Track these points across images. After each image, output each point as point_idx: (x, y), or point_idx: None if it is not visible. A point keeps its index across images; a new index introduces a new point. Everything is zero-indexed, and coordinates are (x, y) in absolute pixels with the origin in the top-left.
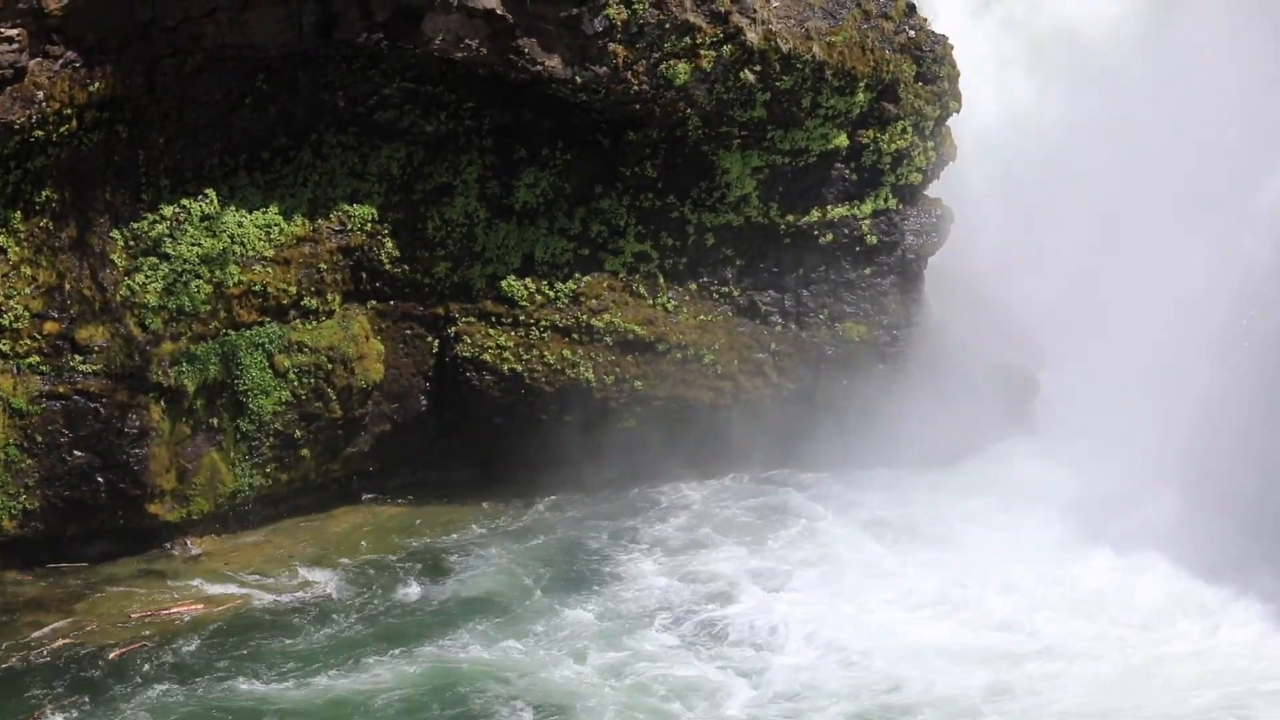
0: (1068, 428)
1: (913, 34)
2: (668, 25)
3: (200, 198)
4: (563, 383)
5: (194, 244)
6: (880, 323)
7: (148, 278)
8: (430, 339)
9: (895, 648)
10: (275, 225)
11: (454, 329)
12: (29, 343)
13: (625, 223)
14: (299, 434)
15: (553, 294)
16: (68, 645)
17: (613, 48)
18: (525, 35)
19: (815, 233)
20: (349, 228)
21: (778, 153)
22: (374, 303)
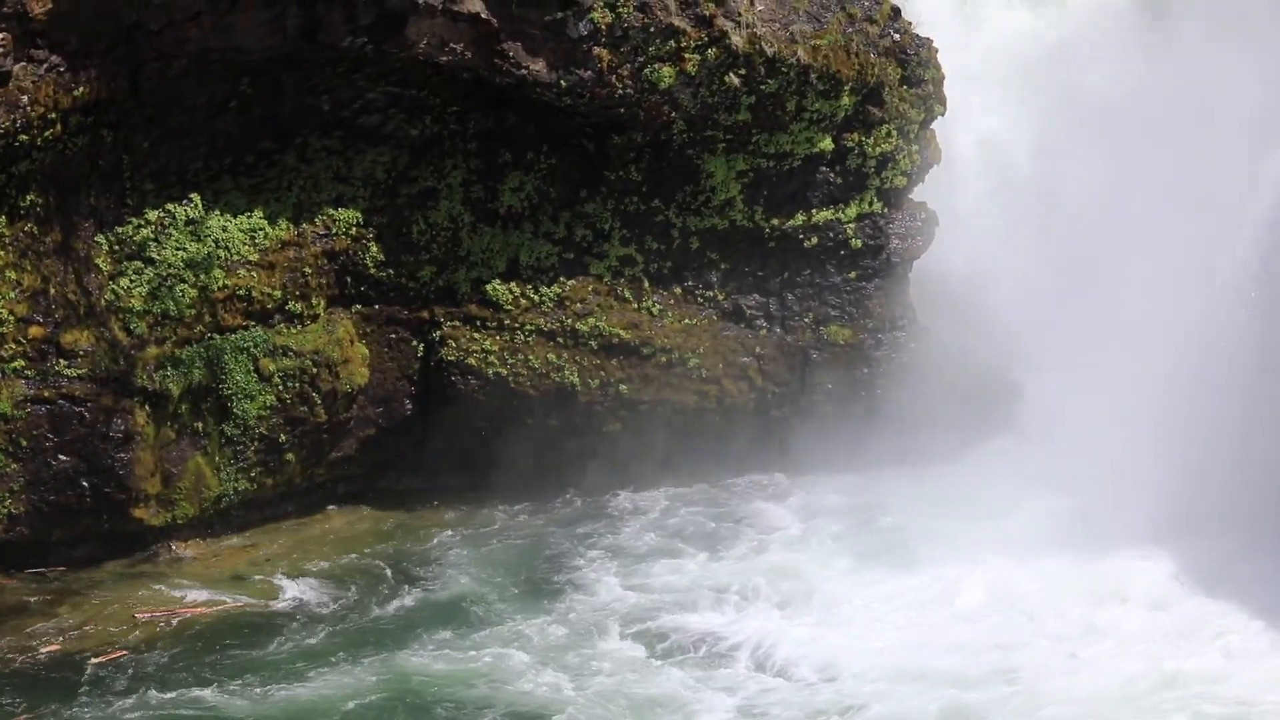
0: (1050, 434)
1: (897, 37)
2: (652, 29)
3: (185, 202)
4: (547, 387)
5: (179, 248)
6: (865, 326)
7: (132, 282)
8: (415, 343)
9: (857, 666)
10: (260, 229)
11: (439, 333)
12: (13, 347)
13: (610, 226)
14: (284, 438)
15: (537, 298)
16: (52, 651)
17: (597, 51)
18: (510, 39)
19: (800, 236)
20: (334, 232)
21: (762, 156)
22: (359, 307)
